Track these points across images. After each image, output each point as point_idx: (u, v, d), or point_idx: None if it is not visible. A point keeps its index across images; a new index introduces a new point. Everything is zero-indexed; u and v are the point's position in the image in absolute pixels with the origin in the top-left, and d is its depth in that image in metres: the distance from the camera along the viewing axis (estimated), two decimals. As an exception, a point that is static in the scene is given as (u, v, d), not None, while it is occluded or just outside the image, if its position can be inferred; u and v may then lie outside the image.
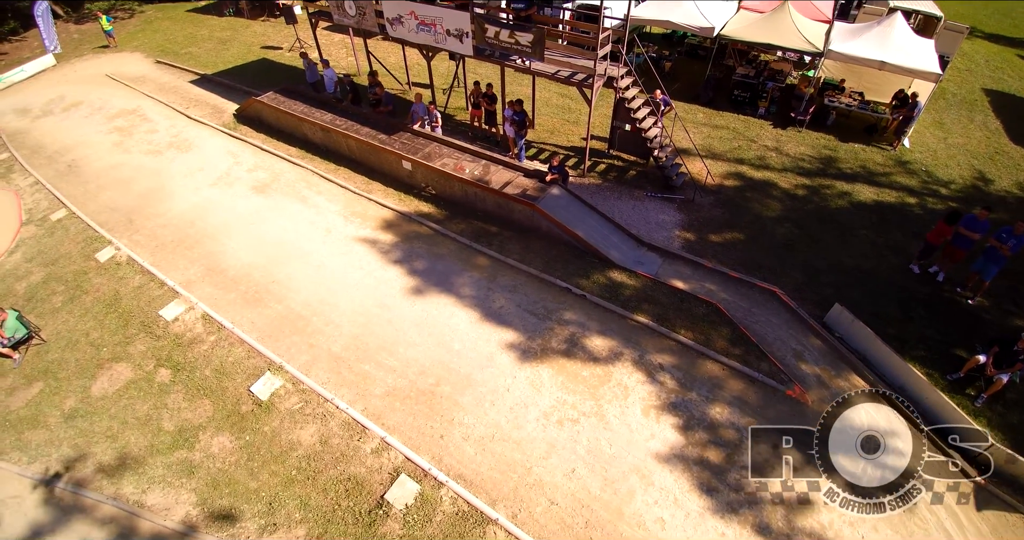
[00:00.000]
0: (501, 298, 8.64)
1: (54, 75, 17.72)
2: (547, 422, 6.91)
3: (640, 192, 10.90)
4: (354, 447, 6.74)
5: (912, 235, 9.84)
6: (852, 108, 12.34)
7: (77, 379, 8.02)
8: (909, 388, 7.24)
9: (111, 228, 10.63)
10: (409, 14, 10.87)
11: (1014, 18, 19.76)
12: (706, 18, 12.61)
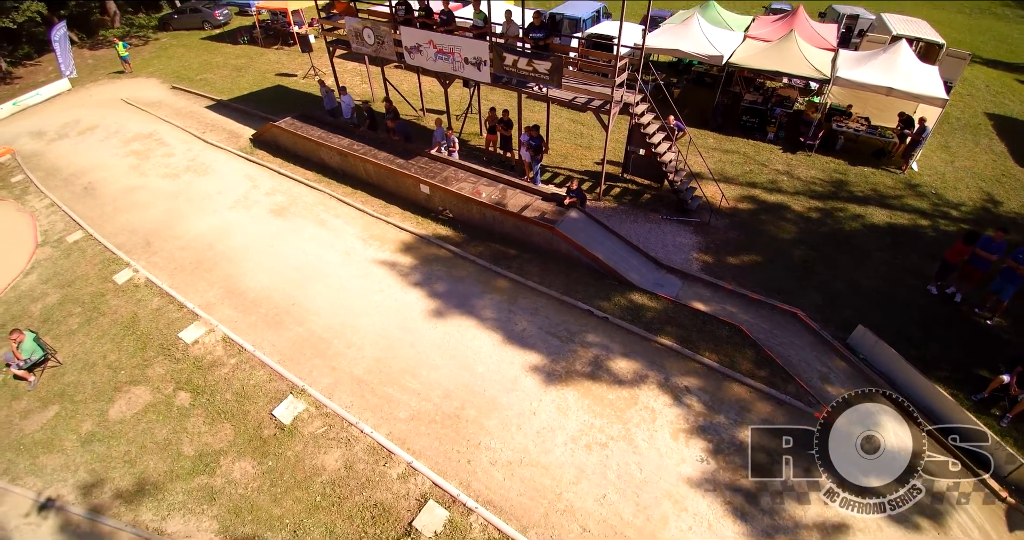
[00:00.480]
0: (523, 320, 8.71)
1: (69, 99, 18.19)
2: (575, 446, 6.89)
3: (656, 215, 11.11)
4: (380, 472, 6.68)
5: (927, 256, 10.00)
6: (860, 133, 12.71)
7: (94, 402, 7.99)
8: (936, 408, 7.26)
9: (129, 250, 10.75)
10: (428, 43, 11.30)
11: (1010, 44, 20.55)
12: (714, 47, 13.12)
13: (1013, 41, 20.81)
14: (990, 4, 26.41)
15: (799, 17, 14.41)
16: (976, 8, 25.60)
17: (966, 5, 25.94)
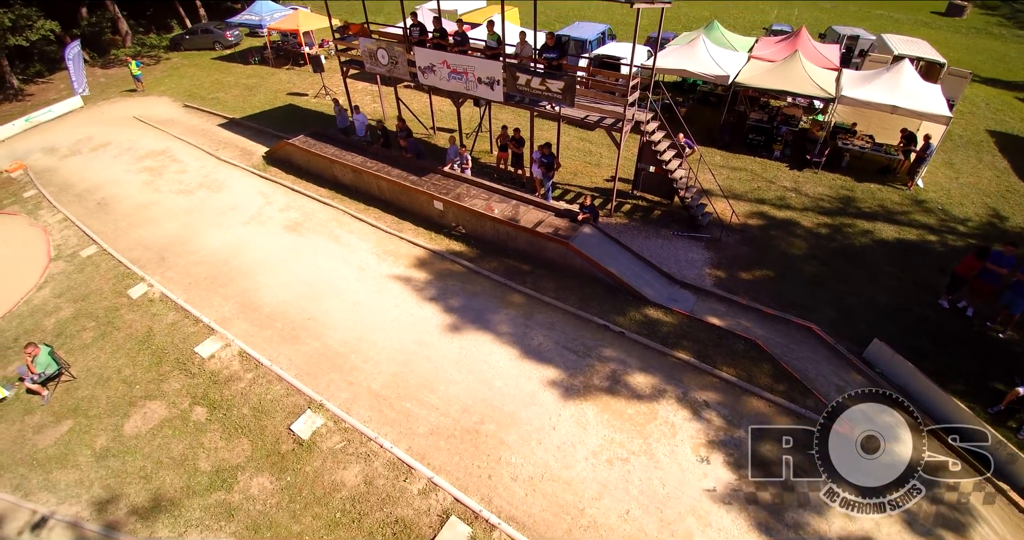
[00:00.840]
0: (539, 335, 8.78)
1: (82, 116, 18.55)
2: (596, 461, 6.90)
3: (667, 231, 11.29)
4: (400, 488, 6.68)
5: (937, 271, 10.15)
6: (865, 150, 13.00)
7: (109, 417, 8.00)
8: (954, 421, 7.28)
9: (143, 265, 10.87)
10: (442, 63, 11.63)
11: (1007, 63, 21.12)
12: (720, 67, 13.51)
13: (1010, 60, 21.40)
14: (986, 24, 27.24)
15: (802, 38, 14.89)
16: (972, 28, 26.37)
17: (962, 25, 26.74)
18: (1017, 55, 22.25)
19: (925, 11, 29.00)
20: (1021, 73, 20.21)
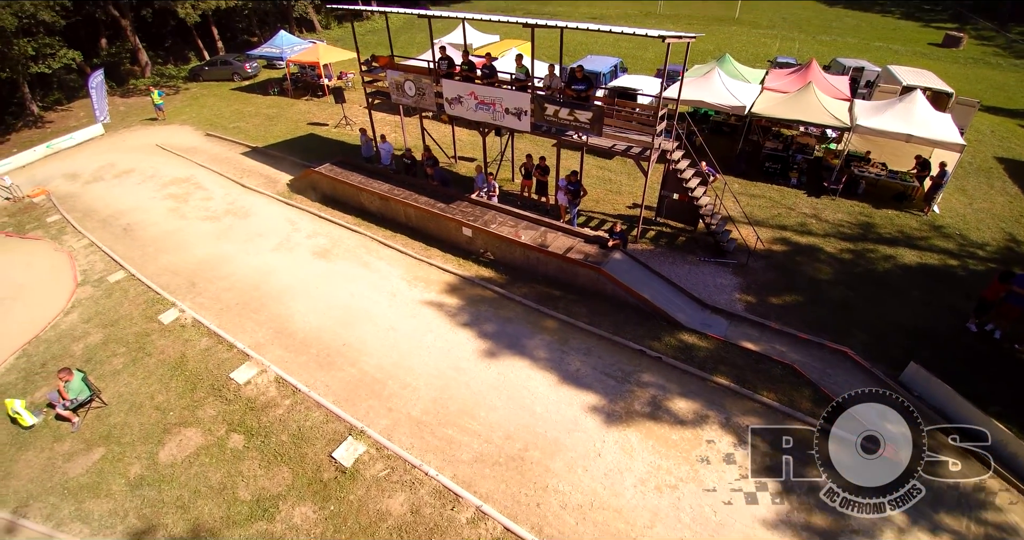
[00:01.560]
0: (576, 360, 8.85)
1: (103, 144, 19.00)
2: (645, 488, 6.87)
3: (693, 257, 11.51)
4: (448, 517, 6.62)
5: (962, 295, 10.33)
6: (881, 177, 13.39)
7: (142, 445, 7.95)
8: (995, 443, 7.30)
9: (173, 291, 10.98)
10: (469, 94, 12.08)
11: (1008, 92, 21.92)
12: (736, 98, 14.05)
13: (1010, 88, 22.24)
14: (982, 54, 28.40)
15: (813, 70, 15.55)
16: (969, 59, 27.49)
17: (960, 55, 27.88)
18: (1016, 84, 23.14)
19: (922, 43, 30.28)
20: (1022, 101, 20.99)
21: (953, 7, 40.67)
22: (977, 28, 34.07)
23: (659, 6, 39.52)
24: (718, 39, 30.64)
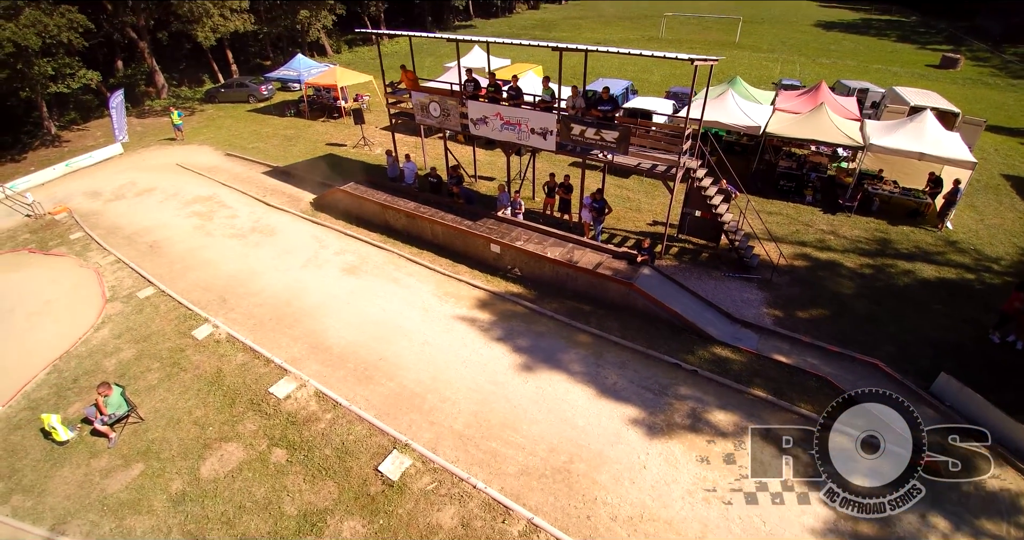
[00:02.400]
0: (612, 374, 9.00)
1: (122, 163, 19.33)
2: (693, 500, 6.96)
3: (718, 273, 11.77)
4: (500, 530, 6.67)
5: (982, 308, 10.58)
6: (895, 194, 13.80)
7: (182, 460, 7.99)
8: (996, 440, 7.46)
9: (204, 306, 11.12)
10: (495, 115, 12.50)
11: (1007, 111, 22.64)
12: (751, 118, 14.55)
13: (1009, 107, 22.99)
14: (979, 74, 29.39)
15: (823, 91, 16.15)
16: (967, 79, 28.46)
17: (957, 76, 28.86)
18: (1015, 103, 23.94)
19: (920, 65, 31.35)
20: (1022, 120, 21.71)
21: (947, 29, 42.24)
22: (972, 49, 35.31)
23: (661, 31, 40.82)
24: (721, 62, 31.56)
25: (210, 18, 19.78)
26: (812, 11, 53.99)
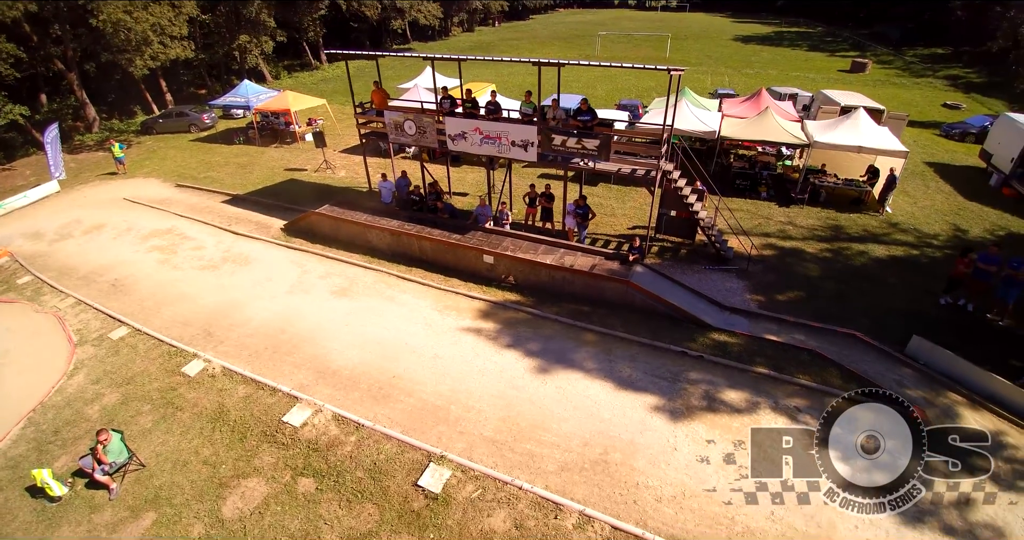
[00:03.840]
0: (626, 367, 9.45)
1: (61, 201, 18.03)
2: (727, 473, 7.44)
3: (698, 266, 12.63)
4: (554, 526, 6.84)
5: (931, 278, 12.00)
6: (838, 185, 15.42)
7: (198, 503, 7.58)
8: (999, 395, 8.56)
9: (189, 342, 10.60)
10: (474, 130, 12.88)
11: (916, 106, 25.79)
12: (706, 124, 15.84)
13: (917, 103, 26.26)
14: (886, 76, 33.32)
15: (764, 97, 17.83)
16: (876, 81, 32.19)
17: (867, 78, 32.55)
18: (921, 99, 27.33)
19: (833, 70, 35.14)
20: (930, 114, 24.86)
21: (851, 37, 47.54)
22: (876, 54, 39.95)
23: (596, 49, 43.24)
24: (657, 76, 33.90)
25: (149, 46, 18.97)
26: (728, 27, 59.07)
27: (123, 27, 17.50)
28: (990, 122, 20.23)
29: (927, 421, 8.18)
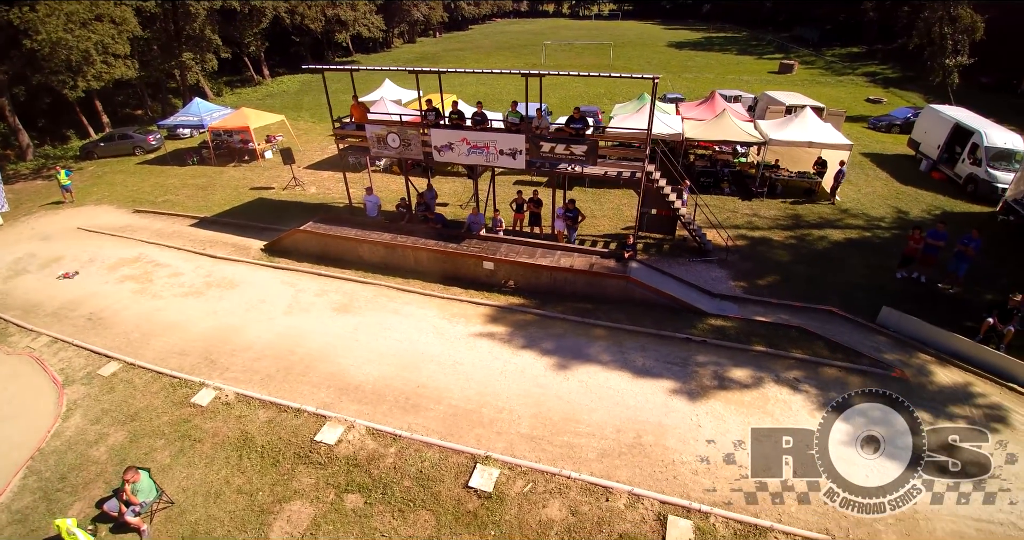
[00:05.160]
0: (639, 357, 10.09)
1: (6, 234, 16.80)
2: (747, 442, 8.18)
3: (683, 259, 13.59)
4: (607, 508, 7.29)
5: (884, 256, 13.53)
6: (792, 178, 16.99)
7: (241, 533, 7.45)
8: (962, 352, 9.85)
9: (191, 372, 10.24)
10: (461, 141, 13.26)
11: (842, 103, 28.34)
12: (670, 127, 17.01)
13: (843, 100, 29.05)
14: (811, 75, 36.64)
15: (717, 100, 19.33)
16: (803, 80, 35.29)
17: (795, 79, 35.62)
18: (846, 95, 30.25)
19: (764, 72, 38.21)
20: (855, 109, 27.62)
21: (775, 40, 51.67)
22: (799, 55, 43.70)
23: (543, 58, 44.64)
24: (607, 83, 35.56)
25: (92, 66, 17.84)
26: (661, 33, 62.59)
27: (63, 46, 16.41)
28: (912, 114, 22.89)
29: (908, 380, 9.40)
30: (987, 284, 12.29)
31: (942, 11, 23.02)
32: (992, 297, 11.64)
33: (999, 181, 15.74)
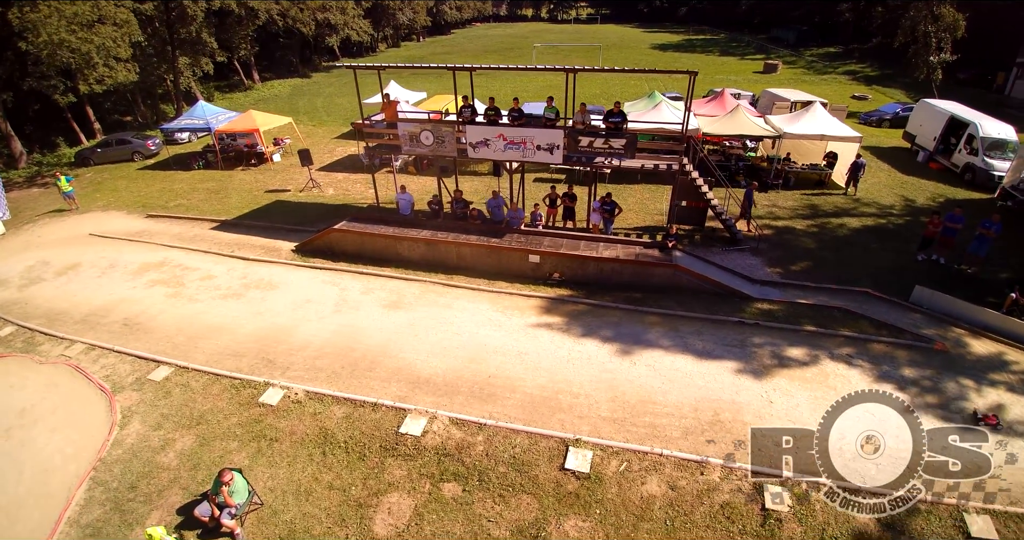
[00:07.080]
0: (697, 341, 10.47)
1: (10, 243, 16.16)
2: (818, 413, 8.56)
3: (717, 248, 14.10)
4: (704, 481, 7.59)
5: (902, 240, 14.33)
6: (804, 170, 17.78)
7: (342, 528, 7.47)
8: (991, 324, 10.54)
9: (252, 372, 10.14)
10: (497, 137, 13.49)
11: (831, 99, 28.53)
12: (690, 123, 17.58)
13: (829, 97, 30.23)
14: (795, 74, 38.19)
15: (726, 97, 20.07)
16: (788, 79, 36.74)
17: (780, 78, 37.07)
18: (832, 93, 31.64)
19: (749, 72, 39.64)
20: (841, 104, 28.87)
21: (754, 41, 53.54)
22: (780, 56, 45.41)
23: (533, 60, 45.19)
24: (599, 81, 36.28)
25: (94, 69, 17.29)
26: (642, 36, 64.03)
27: (66, 48, 15.86)
28: (900, 109, 24.19)
29: (948, 351, 10.04)
30: (998, 265, 13.16)
31: (926, 10, 24.46)
32: (1008, 275, 12.50)
33: (996, 169, 16.85)
